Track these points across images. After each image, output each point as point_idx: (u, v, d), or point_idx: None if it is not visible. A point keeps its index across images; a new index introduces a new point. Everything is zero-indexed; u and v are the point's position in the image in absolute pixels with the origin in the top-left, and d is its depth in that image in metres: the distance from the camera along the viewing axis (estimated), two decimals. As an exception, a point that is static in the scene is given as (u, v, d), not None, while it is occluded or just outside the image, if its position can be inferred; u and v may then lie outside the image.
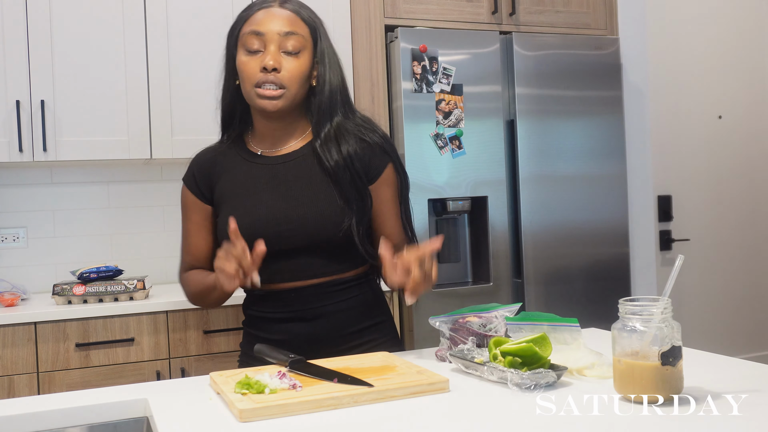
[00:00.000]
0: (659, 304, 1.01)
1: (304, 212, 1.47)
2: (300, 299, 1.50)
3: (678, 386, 1.02)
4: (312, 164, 1.53)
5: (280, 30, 1.47)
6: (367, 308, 1.57)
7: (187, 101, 2.69)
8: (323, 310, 1.50)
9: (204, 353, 2.44)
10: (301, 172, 1.53)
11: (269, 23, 1.47)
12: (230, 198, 1.54)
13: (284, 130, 1.56)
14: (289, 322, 1.51)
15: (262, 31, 1.47)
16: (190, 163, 1.62)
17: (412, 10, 2.87)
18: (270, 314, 1.54)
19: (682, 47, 3.81)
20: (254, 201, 1.51)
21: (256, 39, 1.48)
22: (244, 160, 1.56)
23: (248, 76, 1.48)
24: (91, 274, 2.42)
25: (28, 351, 2.27)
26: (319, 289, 1.50)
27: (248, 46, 1.48)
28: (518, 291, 2.93)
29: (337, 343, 1.51)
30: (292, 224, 1.48)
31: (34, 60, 2.52)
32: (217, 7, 2.73)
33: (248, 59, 1.48)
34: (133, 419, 1.19)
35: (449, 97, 2.80)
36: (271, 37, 1.47)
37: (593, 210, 3.04)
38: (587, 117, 3.05)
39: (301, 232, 1.47)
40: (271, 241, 1.44)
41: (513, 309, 1.41)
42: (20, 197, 2.83)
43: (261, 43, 1.47)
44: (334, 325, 1.51)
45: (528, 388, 1.11)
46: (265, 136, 1.57)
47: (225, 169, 1.57)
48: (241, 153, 1.58)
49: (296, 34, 1.48)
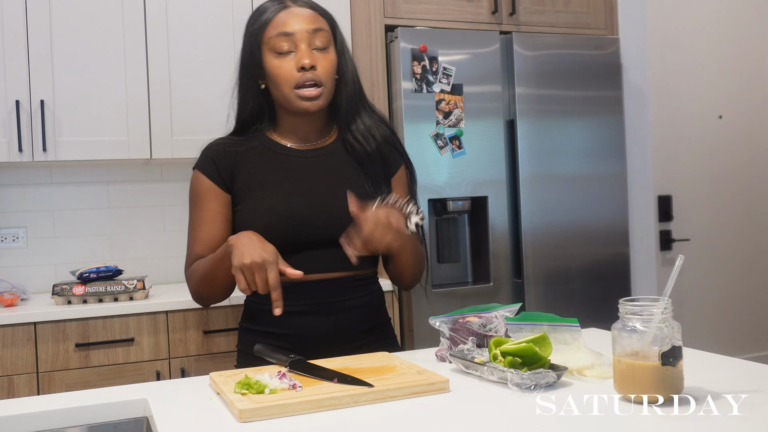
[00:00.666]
0: (659, 304, 1.01)
1: (340, 205, 1.47)
2: (322, 292, 1.49)
3: (678, 386, 1.02)
4: (343, 158, 1.56)
5: (307, 28, 1.48)
6: (378, 307, 1.59)
7: (187, 101, 2.69)
8: (343, 304, 1.51)
9: (204, 353, 2.44)
10: (333, 166, 1.55)
11: (295, 23, 1.48)
12: (258, 188, 1.51)
13: (312, 126, 1.57)
14: (305, 316, 1.49)
15: (290, 31, 1.47)
16: (205, 151, 1.58)
17: (412, 10, 2.87)
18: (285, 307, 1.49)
19: (682, 47, 3.81)
20: (287, 192, 1.50)
21: (285, 40, 1.48)
22: (272, 152, 1.55)
23: (285, 78, 1.48)
24: (90, 274, 2.42)
25: (27, 351, 2.27)
26: (342, 283, 1.51)
27: (278, 49, 1.48)
28: (518, 291, 2.92)
29: (348, 340, 1.50)
30: (327, 216, 1.48)
31: (34, 60, 2.52)
32: (217, 7, 2.73)
33: (280, 62, 1.48)
34: (133, 419, 1.19)
35: (449, 97, 2.80)
36: (301, 36, 1.48)
37: (593, 210, 3.04)
38: (587, 117, 3.04)
39: (336, 224, 1.46)
40: (302, 231, 1.46)
41: (513, 309, 1.41)
42: (20, 197, 2.83)
43: (291, 43, 1.48)
44: (350, 321, 1.51)
45: (528, 388, 1.11)
46: (291, 132, 1.57)
47: (249, 160, 1.54)
48: (268, 145, 1.56)
49: (322, 29, 1.50)
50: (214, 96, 2.71)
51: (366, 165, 1.56)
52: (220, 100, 2.72)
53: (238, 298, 2.47)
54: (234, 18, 2.74)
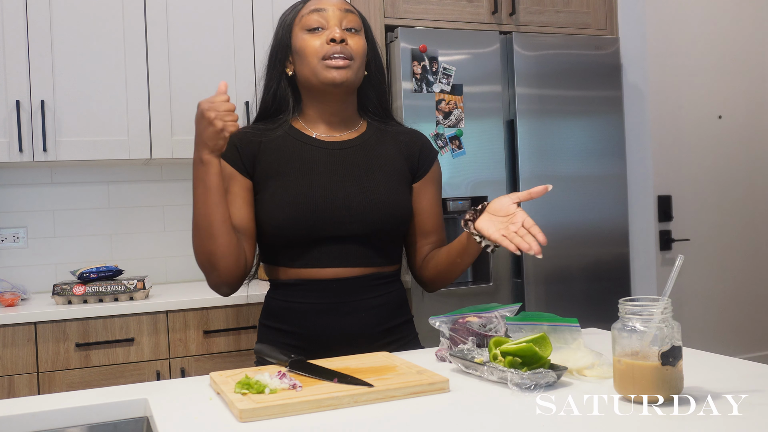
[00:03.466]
0: (659, 304, 1.01)
1: (364, 199, 1.46)
2: (342, 290, 1.47)
3: (678, 386, 1.02)
4: (370, 153, 1.54)
5: (340, 6, 1.50)
6: (400, 305, 1.58)
7: (187, 101, 2.69)
8: (363, 303, 1.48)
9: (204, 353, 2.44)
10: (359, 160, 1.52)
11: (327, 3, 1.50)
12: (280, 176, 1.48)
13: (338, 115, 1.55)
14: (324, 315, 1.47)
15: (322, 7, 1.49)
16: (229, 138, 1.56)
17: (412, 10, 2.87)
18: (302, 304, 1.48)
19: (682, 47, 3.81)
20: (310, 182, 1.47)
21: (317, 16, 1.49)
22: (296, 141, 1.53)
23: (313, 50, 1.47)
24: (91, 274, 2.42)
25: (28, 351, 2.27)
26: (362, 281, 1.49)
27: (309, 25, 1.49)
28: (518, 291, 2.92)
29: (368, 339, 1.48)
30: (351, 210, 1.46)
31: (34, 60, 2.52)
32: (217, 7, 2.73)
33: (310, 37, 1.49)
34: (133, 419, 1.19)
35: (449, 97, 2.80)
36: (333, 13, 1.49)
37: (593, 210, 3.04)
38: (587, 117, 3.05)
39: (359, 219, 1.46)
40: (325, 225, 1.44)
41: (513, 309, 1.41)
42: (20, 197, 2.83)
43: (323, 19, 1.49)
44: (371, 319, 1.49)
45: (528, 388, 1.11)
46: (317, 121, 1.55)
47: (272, 147, 1.52)
48: (292, 133, 1.54)
49: (354, 12, 1.52)
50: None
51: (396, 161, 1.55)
52: (220, 100, 2.74)
53: (239, 299, 2.47)
54: (234, 18, 2.75)
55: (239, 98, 2.73)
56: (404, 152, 1.58)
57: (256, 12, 2.77)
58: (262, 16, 2.76)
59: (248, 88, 2.73)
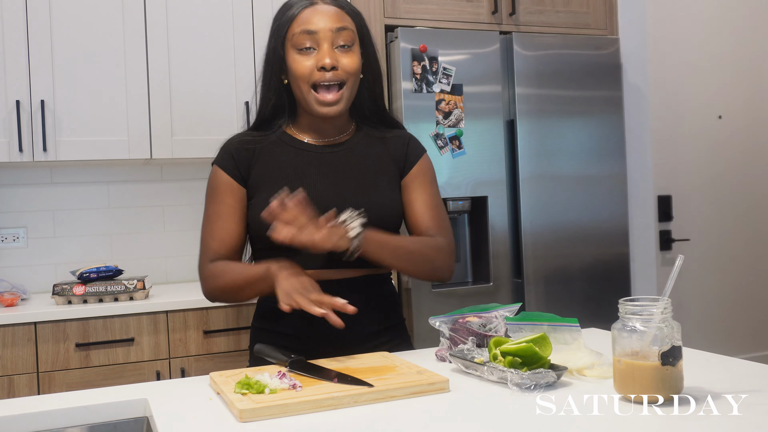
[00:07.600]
0: (659, 304, 1.01)
1: (358, 201, 1.47)
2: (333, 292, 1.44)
3: (678, 386, 1.02)
4: (363, 155, 1.55)
5: (331, 26, 1.48)
6: (391, 307, 1.58)
7: (187, 101, 2.69)
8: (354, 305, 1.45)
9: (204, 353, 2.44)
10: (351, 162, 1.54)
11: (319, 21, 1.48)
12: (273, 181, 1.50)
13: (332, 122, 1.56)
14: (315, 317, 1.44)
15: (313, 29, 1.47)
16: (224, 146, 1.57)
17: (412, 10, 2.87)
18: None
19: (682, 47, 3.81)
20: (303, 186, 1.47)
21: (307, 38, 1.47)
22: (288, 146, 1.55)
23: (303, 75, 1.47)
24: (91, 274, 2.42)
25: (28, 351, 2.27)
26: (353, 283, 1.49)
27: (300, 45, 1.48)
28: (518, 291, 2.92)
29: (360, 341, 1.49)
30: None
31: (34, 60, 2.52)
32: (216, 8, 2.73)
33: (301, 58, 1.48)
34: (133, 419, 1.19)
35: (449, 97, 2.80)
36: (324, 35, 1.47)
37: (593, 210, 3.04)
38: (587, 117, 3.04)
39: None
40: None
41: (513, 309, 1.41)
42: (20, 197, 2.83)
43: (313, 41, 1.47)
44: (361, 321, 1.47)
45: (528, 388, 1.11)
46: (310, 128, 1.57)
47: (266, 153, 1.53)
48: (285, 139, 1.56)
49: (346, 28, 1.49)
50: (214, 96, 2.71)
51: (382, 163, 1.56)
52: (221, 99, 2.74)
53: (238, 298, 2.46)
54: (234, 18, 2.74)
55: (239, 98, 2.73)
56: (392, 154, 1.59)
57: (256, 12, 2.77)
58: (262, 16, 2.76)
59: (248, 89, 2.73)
